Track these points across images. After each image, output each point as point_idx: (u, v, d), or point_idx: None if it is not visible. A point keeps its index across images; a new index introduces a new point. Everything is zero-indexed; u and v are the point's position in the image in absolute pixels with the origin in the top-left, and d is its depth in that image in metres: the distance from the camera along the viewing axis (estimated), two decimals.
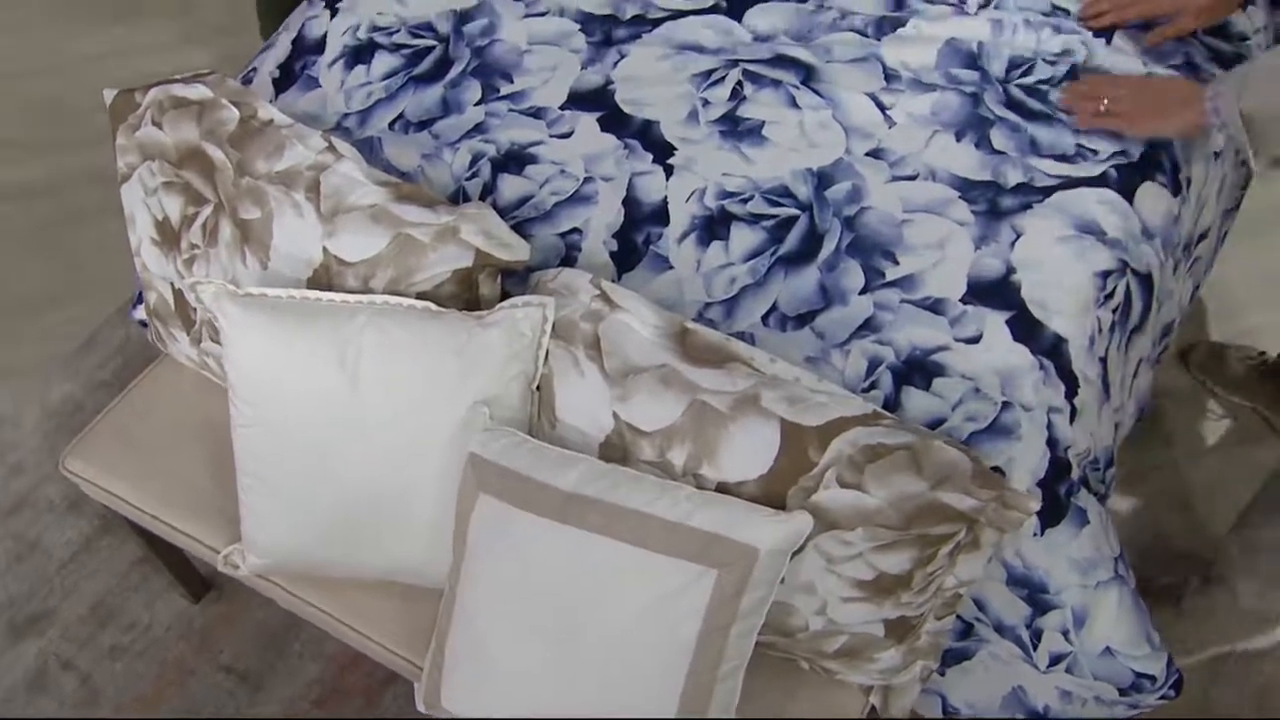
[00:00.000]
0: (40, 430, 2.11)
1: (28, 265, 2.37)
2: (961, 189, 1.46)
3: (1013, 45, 1.61)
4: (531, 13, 1.68)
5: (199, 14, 2.90)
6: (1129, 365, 1.54)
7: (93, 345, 2.20)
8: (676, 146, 1.51)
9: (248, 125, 1.45)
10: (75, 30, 2.86)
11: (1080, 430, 1.37)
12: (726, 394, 1.23)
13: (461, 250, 1.36)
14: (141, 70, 2.71)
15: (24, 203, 2.48)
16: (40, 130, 2.63)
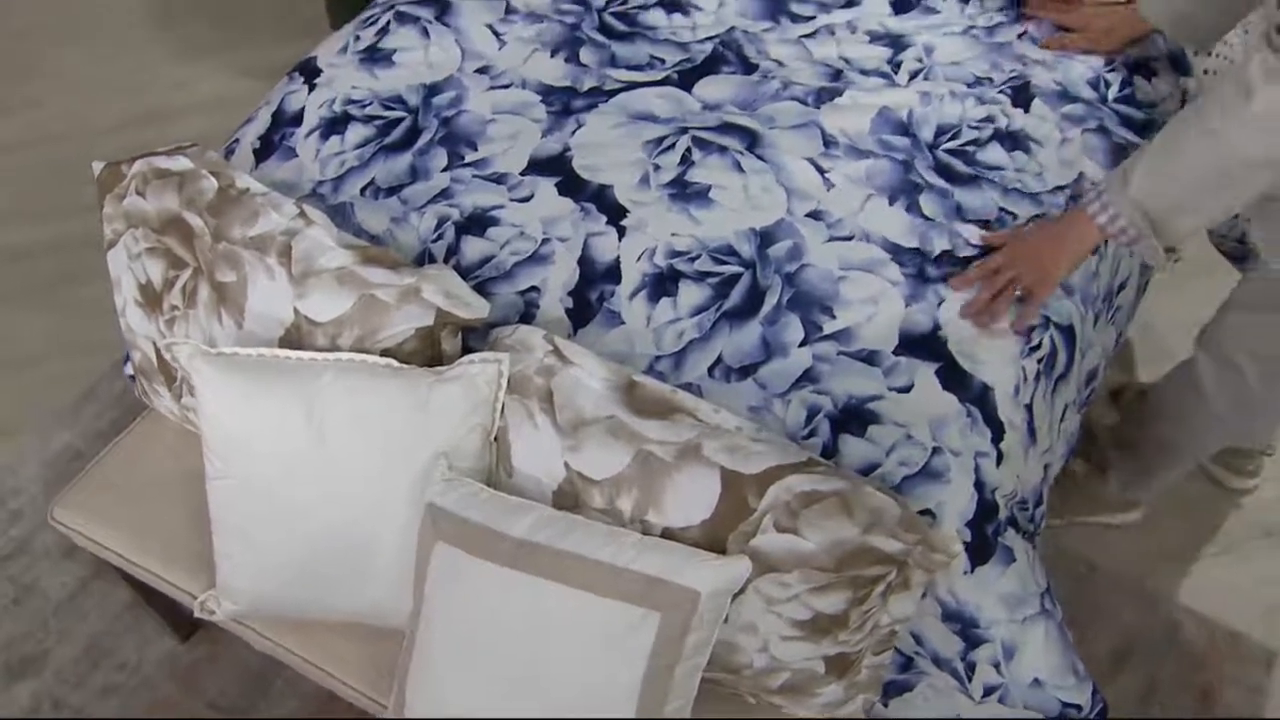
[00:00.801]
0: (40, 479, 2.08)
1: (32, 321, 2.36)
2: (893, 252, 1.46)
3: (940, 114, 1.61)
4: (496, 85, 1.68)
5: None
6: (1055, 411, 1.53)
7: (91, 397, 2.18)
8: (629, 209, 1.51)
9: (225, 194, 1.45)
10: (96, 100, 2.87)
11: (1006, 473, 1.36)
12: (671, 444, 1.22)
13: (423, 309, 1.35)
14: None
15: (29, 263, 2.47)
16: (48, 196, 2.63)
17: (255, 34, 3.04)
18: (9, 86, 2.90)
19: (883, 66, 1.69)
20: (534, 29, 1.76)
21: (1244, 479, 2.06)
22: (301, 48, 1.82)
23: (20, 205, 2.61)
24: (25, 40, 3.03)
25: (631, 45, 1.73)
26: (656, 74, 1.69)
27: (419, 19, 1.77)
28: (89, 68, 2.95)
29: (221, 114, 2.77)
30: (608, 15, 1.78)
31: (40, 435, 2.15)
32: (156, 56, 2.99)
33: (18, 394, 2.24)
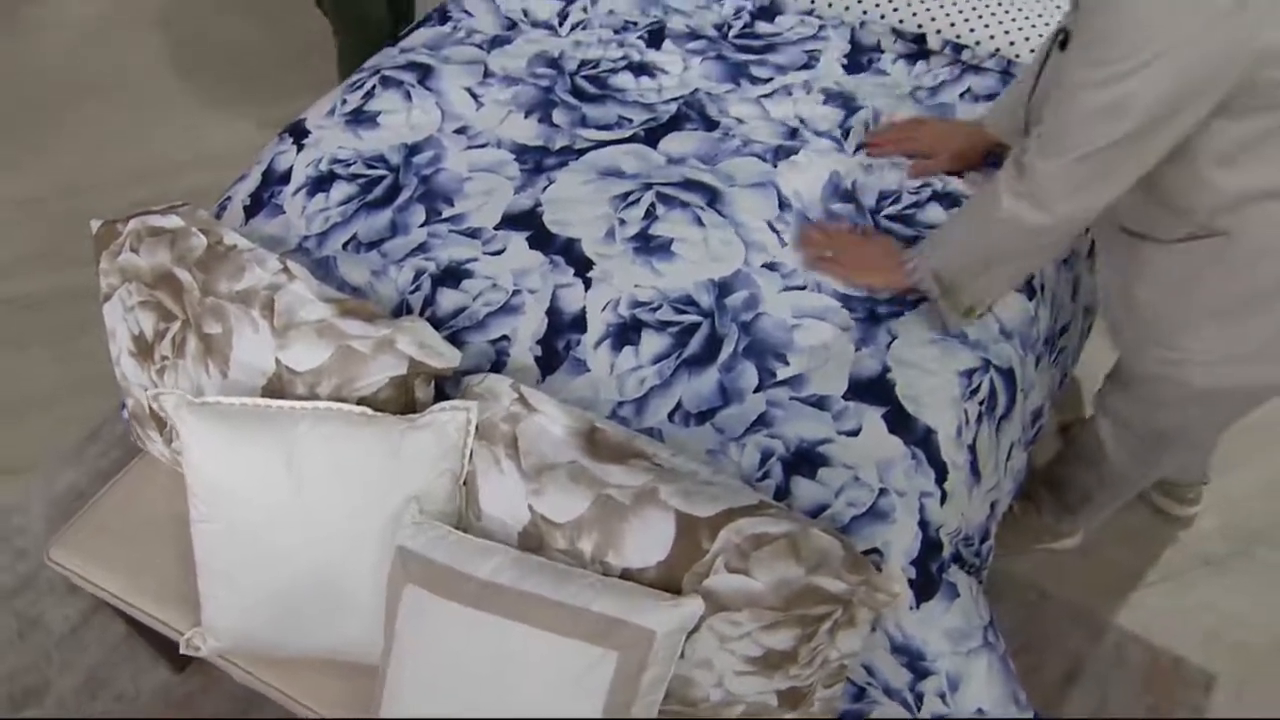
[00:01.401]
0: (45, 516, 2.06)
1: (45, 365, 2.34)
2: (843, 300, 1.45)
3: (882, 180, 1.61)
4: (473, 145, 1.68)
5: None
6: (1001, 450, 1.52)
7: (95, 438, 2.17)
8: (595, 261, 1.50)
9: (214, 250, 1.44)
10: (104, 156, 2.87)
11: (950, 511, 1.35)
12: (629, 488, 1.21)
13: (397, 360, 1.34)
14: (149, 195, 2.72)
15: (45, 309, 2.46)
16: (64, 246, 2.62)
17: (265, 89, 3.04)
18: (27, 140, 2.90)
19: (834, 130, 1.69)
20: (510, 91, 1.76)
21: (1185, 507, 2.04)
22: (309, 102, 1.81)
23: (38, 253, 2.60)
24: (43, 97, 3.03)
25: (602, 106, 1.73)
26: (624, 132, 1.69)
27: (402, 83, 1.77)
28: (104, 122, 2.96)
29: (229, 166, 2.79)
30: (579, 79, 1.78)
31: (46, 475, 2.13)
32: (169, 111, 2.99)
33: (28, 434, 2.22)
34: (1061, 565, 1.99)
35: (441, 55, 1.82)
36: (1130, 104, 1.07)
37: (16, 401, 2.28)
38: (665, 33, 1.86)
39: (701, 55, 1.82)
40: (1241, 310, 1.28)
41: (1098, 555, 2.00)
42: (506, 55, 1.83)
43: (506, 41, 1.86)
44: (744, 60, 1.81)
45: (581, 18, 1.90)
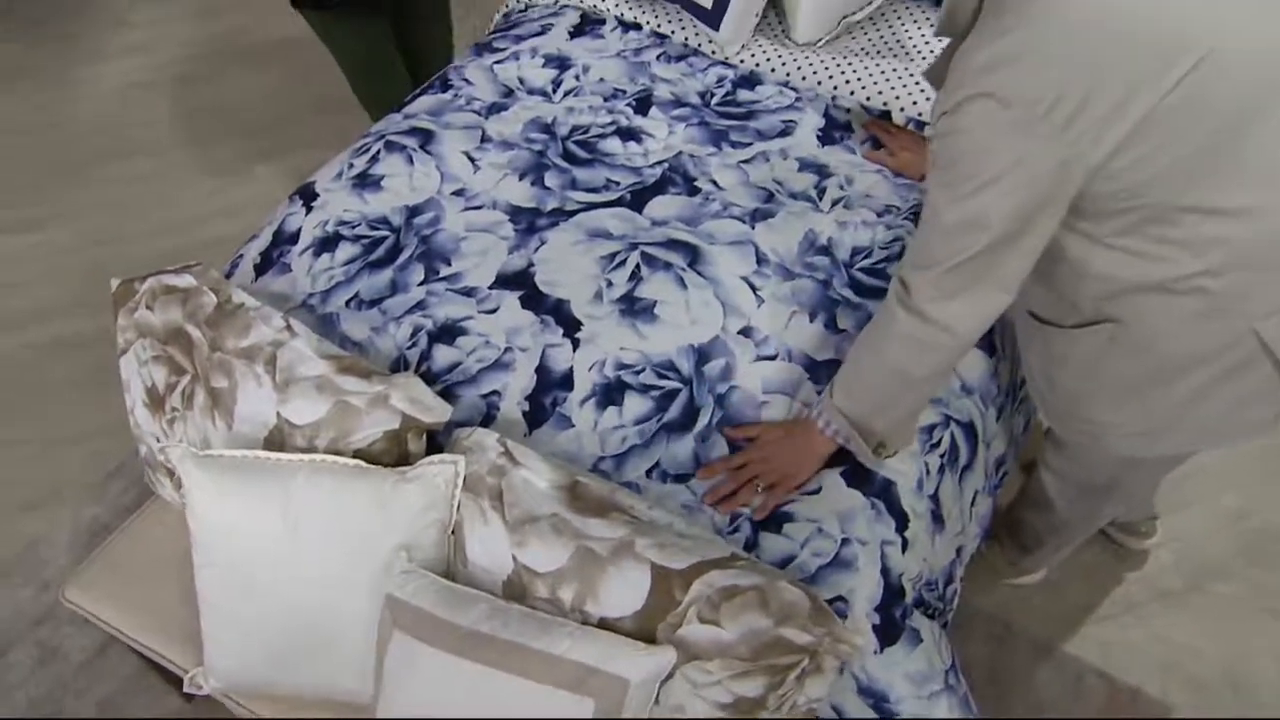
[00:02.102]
0: (70, 549, 2.04)
1: (71, 406, 2.32)
2: (810, 369, 1.43)
3: (855, 237, 1.59)
4: (470, 206, 1.66)
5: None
6: (965, 498, 1.49)
7: (117, 474, 2.14)
8: (583, 323, 1.48)
9: (222, 309, 1.42)
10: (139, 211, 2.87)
11: (912, 558, 1.32)
12: (607, 540, 1.18)
13: (390, 414, 1.32)
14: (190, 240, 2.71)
15: (84, 351, 2.44)
16: (101, 292, 2.60)
17: (286, 141, 3.04)
18: (62, 196, 2.90)
19: (810, 191, 1.67)
20: (506, 155, 1.75)
21: (1139, 540, 2.01)
22: (329, 153, 1.79)
23: (70, 300, 2.58)
24: (78, 155, 3.03)
25: (591, 170, 1.72)
26: (611, 195, 1.67)
27: (405, 147, 1.76)
28: (134, 179, 2.95)
29: (250, 215, 2.77)
30: (570, 143, 1.77)
31: (72, 508, 2.11)
32: (195, 167, 2.98)
33: (60, 468, 2.20)
34: (1025, 600, 1.95)
35: (442, 121, 1.81)
36: (982, 219, 1.06)
37: (47, 439, 2.26)
38: (652, 100, 1.85)
39: (685, 121, 1.81)
40: (1145, 387, 1.25)
41: (1059, 590, 1.97)
42: (503, 121, 1.82)
43: (503, 108, 1.84)
44: (725, 126, 1.80)
45: (574, 85, 1.89)
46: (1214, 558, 2.02)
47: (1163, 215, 1.08)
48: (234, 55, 3.35)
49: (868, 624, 1.25)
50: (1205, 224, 1.07)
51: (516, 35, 2.01)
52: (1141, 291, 1.16)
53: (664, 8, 2.01)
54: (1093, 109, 0.97)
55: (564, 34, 1.99)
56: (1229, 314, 1.14)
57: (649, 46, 1.97)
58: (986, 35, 1.02)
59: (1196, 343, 1.18)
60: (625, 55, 1.95)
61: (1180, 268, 1.11)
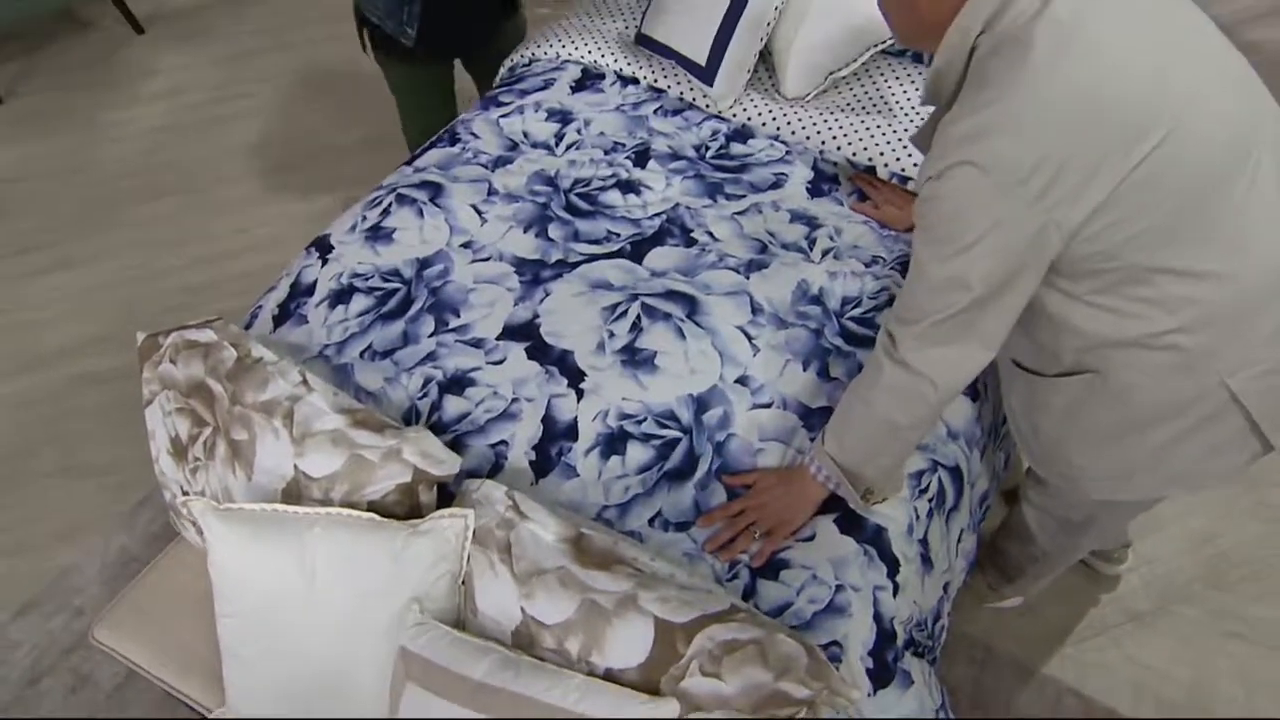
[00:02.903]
0: (100, 577, 1.98)
1: (104, 438, 2.27)
2: (804, 417, 1.38)
3: (845, 287, 1.54)
4: (478, 258, 1.61)
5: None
6: (951, 538, 1.44)
7: (146, 504, 2.09)
8: (587, 373, 1.43)
9: (242, 363, 1.37)
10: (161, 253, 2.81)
11: (904, 602, 1.27)
12: (612, 594, 1.13)
13: (403, 468, 1.27)
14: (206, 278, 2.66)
15: (118, 384, 2.38)
16: (133, 326, 2.55)
17: (313, 178, 2.99)
18: (96, 234, 2.84)
19: (801, 242, 1.63)
20: (511, 208, 1.70)
21: (1112, 565, 1.96)
22: (352, 191, 1.74)
23: (104, 335, 2.52)
24: (112, 195, 2.98)
25: (593, 222, 1.67)
26: (613, 246, 1.62)
27: (416, 200, 1.71)
28: (165, 216, 2.90)
29: (278, 250, 2.73)
30: (573, 196, 1.72)
31: (103, 537, 2.05)
32: (225, 204, 2.93)
33: (90, 499, 2.14)
34: (1005, 623, 1.90)
35: (451, 174, 1.77)
36: (964, 279, 1.05)
37: (77, 470, 2.21)
38: (650, 153, 1.80)
39: (682, 174, 1.76)
40: (1121, 435, 1.22)
41: (1037, 613, 1.92)
42: (508, 174, 1.77)
43: (508, 161, 1.80)
44: (720, 179, 1.75)
45: (576, 139, 1.85)
46: (1178, 581, 1.98)
47: (1137, 276, 1.06)
48: (258, 99, 3.30)
49: (861, 668, 1.20)
50: (1176, 285, 1.06)
51: (521, 90, 1.97)
52: (1118, 346, 1.13)
53: (660, 63, 1.96)
54: (1067, 177, 0.96)
55: (566, 88, 1.95)
56: (1201, 369, 1.12)
57: (647, 100, 1.92)
58: (969, 107, 1.00)
59: (1171, 395, 1.15)
60: (624, 109, 1.90)
61: (1155, 325, 1.09)
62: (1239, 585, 1.96)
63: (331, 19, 3.68)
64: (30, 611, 1.94)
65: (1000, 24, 0.99)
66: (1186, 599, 1.95)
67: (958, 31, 1.03)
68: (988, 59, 1.00)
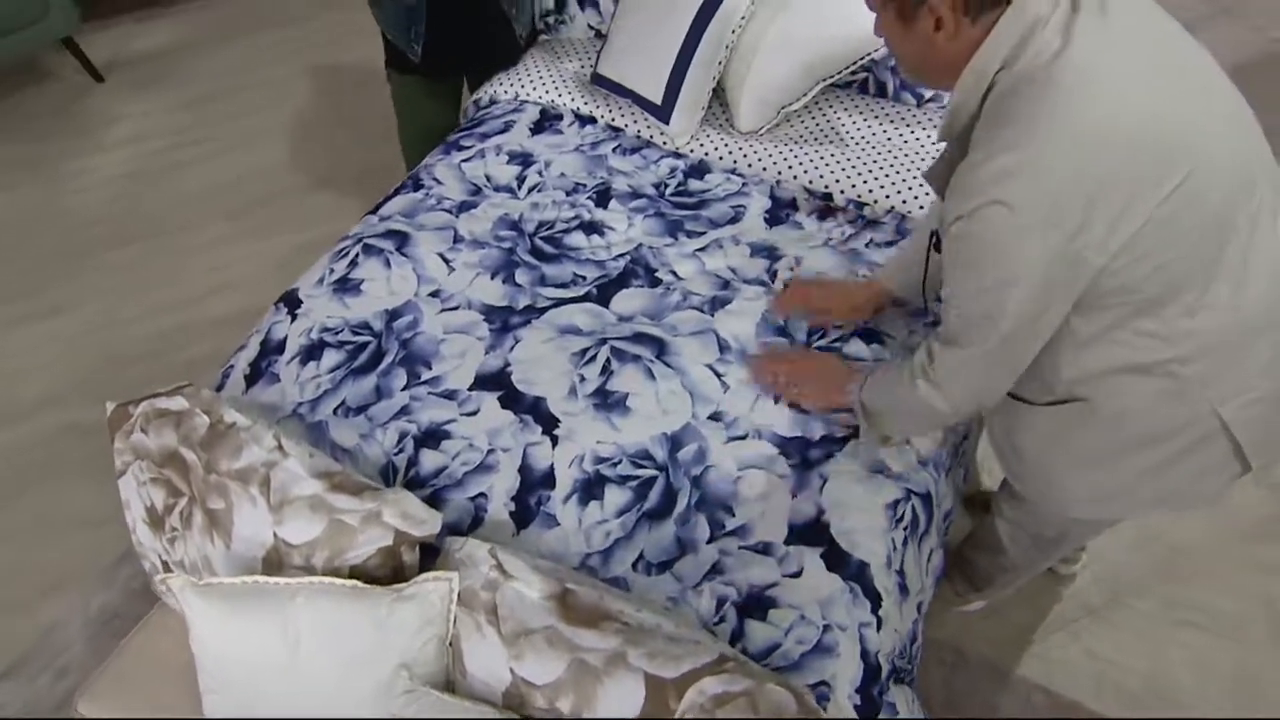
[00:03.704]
0: (83, 635, 1.87)
1: (85, 490, 2.14)
2: (780, 445, 1.32)
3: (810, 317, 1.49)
4: (447, 307, 1.53)
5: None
6: (923, 559, 1.39)
7: (127, 558, 1.97)
8: (560, 419, 1.36)
9: (215, 429, 1.28)
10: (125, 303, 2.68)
11: (886, 634, 1.22)
12: (600, 651, 1.06)
13: (384, 530, 1.18)
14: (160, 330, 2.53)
15: (85, 437, 2.25)
16: (106, 378, 2.42)
17: (280, 217, 2.87)
18: (66, 283, 2.69)
19: (762, 275, 1.57)
20: (478, 255, 1.62)
21: (1069, 565, 1.93)
22: (323, 228, 1.63)
23: (79, 384, 2.39)
24: (78, 243, 2.83)
25: (558, 265, 1.60)
26: (579, 290, 1.55)
27: (383, 250, 1.62)
28: (134, 262, 2.76)
29: (250, 292, 2.61)
30: (538, 240, 1.64)
31: (84, 594, 1.93)
32: (194, 248, 2.79)
33: (73, 553, 2.01)
34: (972, 626, 1.87)
35: (416, 222, 1.68)
36: (997, 314, 1.03)
37: (59, 524, 2.08)
38: (611, 192, 1.73)
39: (643, 213, 1.69)
40: (1108, 459, 1.19)
41: (1002, 614, 1.88)
42: (473, 219, 1.69)
43: (473, 206, 1.71)
44: (680, 216, 1.69)
45: (537, 180, 1.77)
46: (1132, 575, 1.95)
47: (1147, 309, 1.03)
48: (221, 142, 3.17)
49: (849, 705, 1.15)
50: (1182, 318, 1.04)
51: (481, 133, 1.88)
52: (1114, 374, 1.10)
53: (617, 102, 1.89)
54: (1097, 216, 0.94)
55: (525, 130, 1.87)
56: (1194, 397, 1.09)
57: (605, 140, 1.85)
58: (998, 147, 0.95)
59: (1161, 421, 1.12)
60: (584, 149, 1.82)
61: (1154, 355, 1.07)
62: (1189, 578, 1.94)
63: (288, 60, 3.55)
64: (15, 674, 1.82)
65: (1019, 64, 0.96)
66: (1139, 592, 1.93)
67: (974, 72, 0.99)
68: (1007, 98, 0.96)
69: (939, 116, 1.82)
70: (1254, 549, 1.97)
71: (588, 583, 1.18)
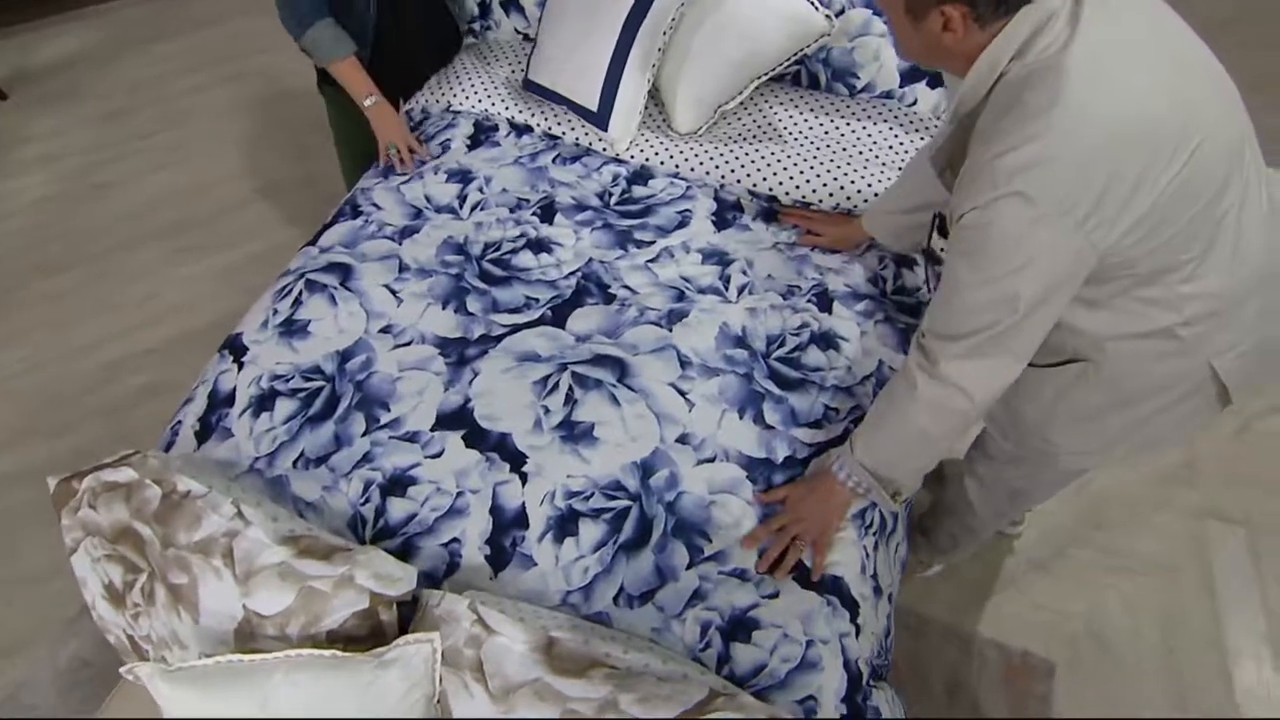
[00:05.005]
0: (55, 688, 1.74)
1: (37, 539, 1.98)
2: (748, 467, 1.26)
3: (766, 325, 1.42)
4: (399, 343, 1.42)
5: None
6: (891, 557, 1.36)
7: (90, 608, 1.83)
8: (528, 455, 1.27)
9: (169, 500, 1.16)
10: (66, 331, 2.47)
11: (865, 640, 1.19)
12: (592, 700, 1.00)
13: (358, 593, 1.09)
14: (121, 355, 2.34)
15: (28, 485, 2.08)
16: (50, 416, 2.23)
17: (214, 235, 2.67)
18: (3, 321, 2.47)
19: (716, 283, 1.50)
20: (425, 284, 1.50)
21: (1016, 525, 1.95)
22: (258, 244, 1.49)
23: (19, 429, 2.20)
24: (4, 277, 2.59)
25: (509, 289, 1.49)
26: (534, 314, 1.45)
27: (326, 286, 1.49)
28: (65, 294, 2.55)
29: (188, 315, 2.43)
30: (485, 263, 1.54)
31: (50, 648, 1.79)
32: (126, 273, 2.59)
33: (30, 608, 1.87)
34: (932, 590, 1.87)
35: (358, 252, 1.55)
36: (1010, 300, 0.99)
37: (13, 579, 1.93)
38: (555, 206, 1.63)
39: (590, 226, 1.59)
40: (1102, 413, 1.19)
41: (957, 576, 1.89)
42: (417, 245, 1.57)
43: (415, 230, 1.59)
44: (627, 226, 1.60)
45: (479, 198, 1.65)
46: (1069, 526, 1.98)
47: (1151, 279, 1.02)
48: (141, 157, 2.93)
49: (836, 715, 1.12)
50: (1184, 285, 1.03)
51: (417, 155, 1.74)
52: (1119, 339, 1.09)
53: (552, 108, 1.77)
54: (1109, 202, 0.93)
55: (462, 147, 1.74)
56: (1193, 354, 1.10)
57: (544, 150, 1.74)
58: (1013, 141, 0.92)
59: (1160, 378, 1.13)
60: (523, 162, 1.71)
61: (1158, 320, 1.07)
62: (1119, 523, 1.97)
63: (201, 69, 3.29)
64: None
65: (1030, 54, 0.94)
66: (1078, 542, 1.95)
67: (987, 63, 0.96)
68: (1020, 89, 0.93)
69: (872, 107, 1.75)
70: (1173, 492, 2.01)
71: (570, 625, 1.11)
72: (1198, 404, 1.15)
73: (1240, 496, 2.01)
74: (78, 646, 1.79)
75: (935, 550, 1.78)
